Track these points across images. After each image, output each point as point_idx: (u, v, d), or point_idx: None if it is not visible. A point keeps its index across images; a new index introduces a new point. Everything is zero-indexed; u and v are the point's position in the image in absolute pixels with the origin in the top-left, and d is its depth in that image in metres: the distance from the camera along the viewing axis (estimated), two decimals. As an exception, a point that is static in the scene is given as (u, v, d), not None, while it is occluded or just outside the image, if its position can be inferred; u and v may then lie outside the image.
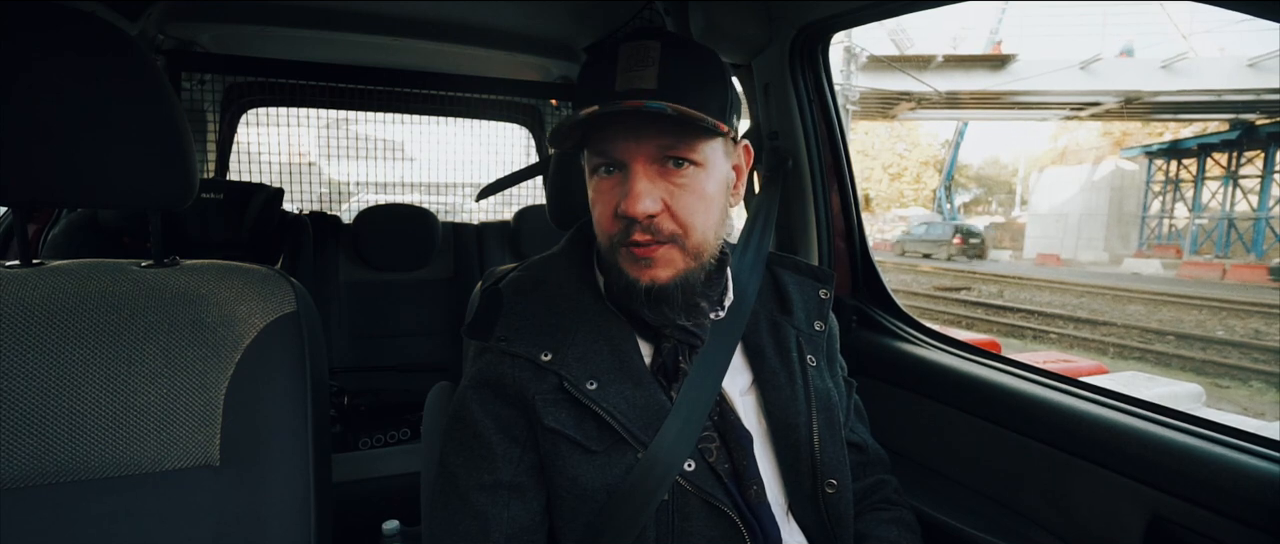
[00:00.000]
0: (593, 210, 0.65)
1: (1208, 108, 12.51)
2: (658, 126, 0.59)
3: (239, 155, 2.22)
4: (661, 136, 0.60)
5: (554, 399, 0.63)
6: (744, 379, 0.70)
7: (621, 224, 0.61)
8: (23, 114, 0.59)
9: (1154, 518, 0.74)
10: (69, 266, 0.66)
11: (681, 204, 0.61)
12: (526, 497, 0.64)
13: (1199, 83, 11.27)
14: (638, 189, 0.59)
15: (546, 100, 2.43)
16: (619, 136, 0.60)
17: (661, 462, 0.61)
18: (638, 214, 0.59)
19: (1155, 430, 0.75)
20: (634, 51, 0.60)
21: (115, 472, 0.63)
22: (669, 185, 0.61)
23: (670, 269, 0.62)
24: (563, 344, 0.65)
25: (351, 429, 1.76)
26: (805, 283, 0.79)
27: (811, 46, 1.22)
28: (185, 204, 0.69)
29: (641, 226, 0.60)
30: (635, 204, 0.59)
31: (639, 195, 0.59)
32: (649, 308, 0.64)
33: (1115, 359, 6.83)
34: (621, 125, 0.59)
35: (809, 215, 1.29)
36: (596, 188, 0.64)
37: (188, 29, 1.68)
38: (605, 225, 0.63)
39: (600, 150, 0.61)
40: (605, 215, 0.63)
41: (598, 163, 0.62)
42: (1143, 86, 11.64)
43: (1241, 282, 11.53)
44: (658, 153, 0.60)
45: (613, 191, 0.62)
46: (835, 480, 0.67)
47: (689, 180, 0.61)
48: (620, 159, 0.61)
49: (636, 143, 0.60)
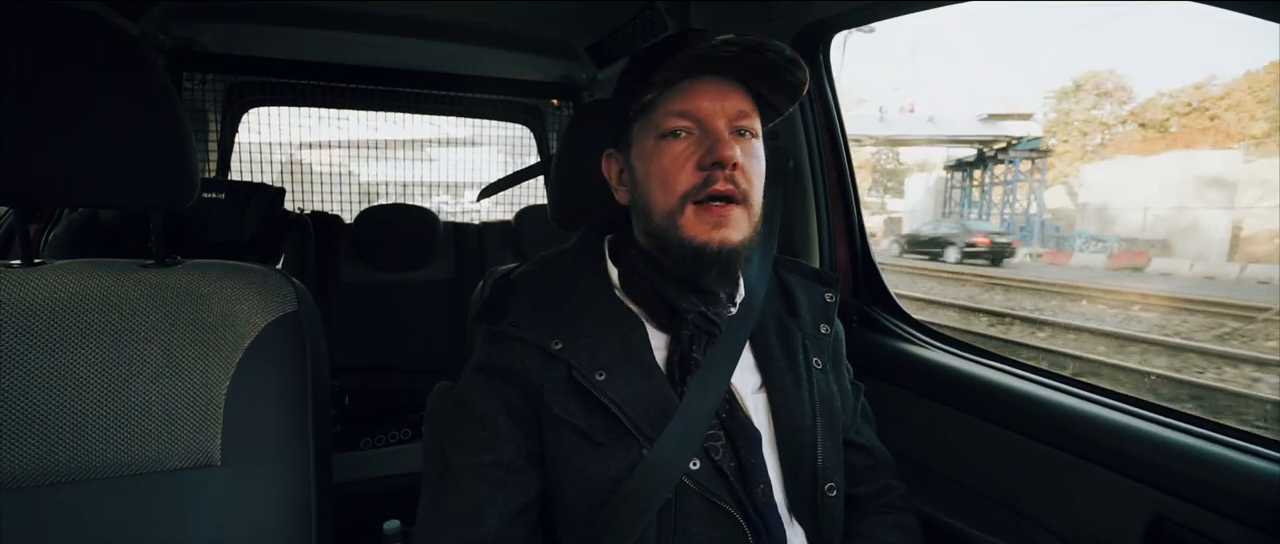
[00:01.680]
0: (655, 174, 0.65)
1: (954, 141, 21.47)
2: (736, 93, 0.64)
3: (240, 155, 2.22)
4: (742, 99, 0.64)
5: (562, 389, 0.63)
6: (753, 380, 0.70)
7: (700, 177, 0.63)
8: (24, 114, 0.59)
9: (1155, 518, 0.74)
10: (71, 266, 0.66)
11: (749, 167, 0.64)
12: (523, 479, 0.64)
13: (949, 129, 20.38)
14: (726, 136, 0.63)
15: (548, 100, 2.44)
16: (701, 95, 0.63)
17: (667, 458, 0.61)
18: (728, 157, 0.61)
19: (1156, 431, 0.75)
20: (701, 33, 0.64)
21: (117, 471, 0.64)
22: (740, 149, 0.64)
23: (739, 232, 0.64)
24: (573, 334, 0.65)
25: (352, 429, 1.76)
26: (810, 286, 0.79)
27: (813, 47, 1.22)
28: (187, 204, 0.70)
29: (724, 177, 0.62)
30: (727, 148, 0.61)
31: (729, 141, 0.62)
32: (713, 272, 0.65)
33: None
34: (705, 86, 0.63)
35: (810, 216, 1.29)
36: (665, 151, 0.64)
37: (189, 29, 1.68)
38: (677, 183, 0.63)
39: (682, 107, 0.63)
40: (680, 172, 0.63)
41: (673, 124, 0.63)
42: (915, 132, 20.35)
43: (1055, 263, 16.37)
44: (736, 114, 0.64)
45: (688, 150, 0.64)
46: (834, 483, 0.67)
47: (751, 148, 0.65)
48: (702, 115, 0.63)
49: (721, 100, 0.63)
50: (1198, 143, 25.82)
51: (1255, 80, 29.89)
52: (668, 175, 0.64)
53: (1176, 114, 31.38)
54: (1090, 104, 35.43)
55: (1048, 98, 37.10)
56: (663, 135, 0.64)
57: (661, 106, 0.64)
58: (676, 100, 0.63)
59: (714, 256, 0.63)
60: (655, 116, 0.65)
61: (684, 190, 0.63)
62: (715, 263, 0.64)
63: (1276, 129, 26.21)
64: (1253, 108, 28.46)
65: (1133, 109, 34.09)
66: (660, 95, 0.64)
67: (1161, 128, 31.06)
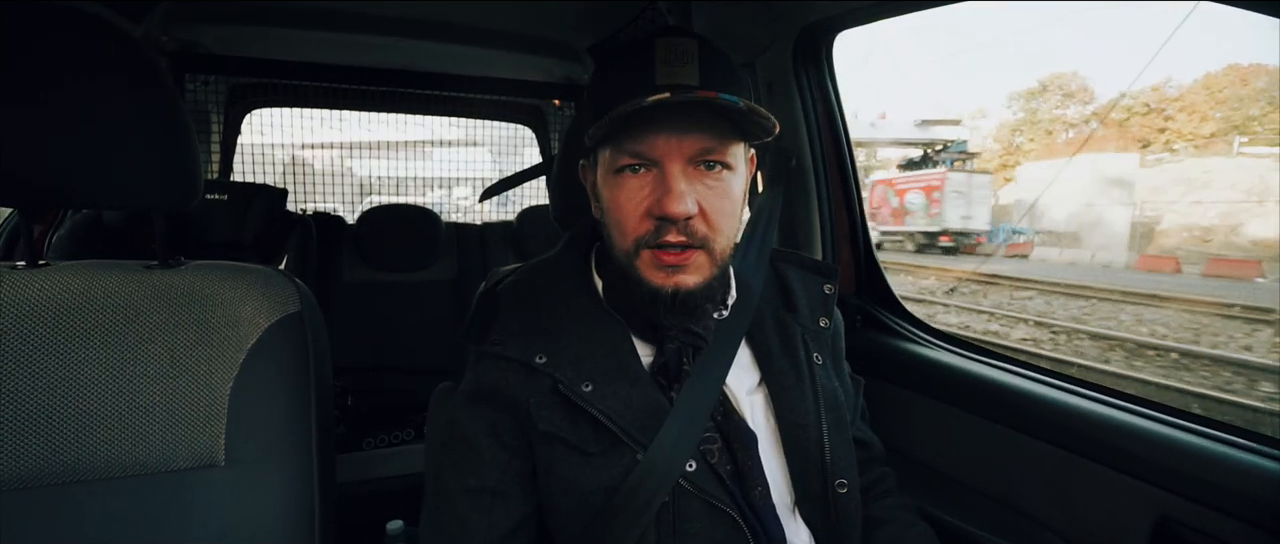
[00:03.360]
0: (611, 211, 0.62)
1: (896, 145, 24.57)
2: (699, 127, 0.57)
3: (241, 155, 2.22)
4: (703, 138, 0.57)
5: (549, 402, 0.63)
6: (751, 378, 0.69)
7: (651, 225, 0.59)
8: (27, 116, 0.59)
9: (1160, 518, 0.74)
10: (74, 267, 0.66)
11: (713, 207, 0.59)
12: (510, 503, 0.64)
13: (890, 134, 23.51)
14: (678, 188, 0.57)
15: (549, 100, 2.44)
16: (657, 134, 0.57)
17: (661, 463, 0.60)
18: (678, 214, 0.56)
19: (1161, 430, 0.75)
20: (671, 47, 0.58)
21: (121, 471, 0.64)
22: (702, 187, 0.59)
23: (698, 276, 0.60)
24: (558, 347, 0.64)
25: (355, 429, 1.76)
26: (809, 278, 0.78)
27: (815, 46, 1.22)
28: (190, 205, 0.70)
29: (677, 228, 0.58)
30: (677, 203, 0.56)
31: (681, 195, 0.56)
32: (671, 315, 0.62)
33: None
34: (660, 123, 0.57)
35: (812, 215, 1.28)
36: (620, 187, 0.60)
37: (191, 30, 1.68)
38: (630, 226, 0.60)
39: (633, 149, 0.58)
40: (632, 216, 0.59)
41: (627, 161, 0.59)
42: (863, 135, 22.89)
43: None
44: (696, 154, 0.58)
45: (641, 191, 0.59)
46: (845, 480, 0.67)
47: (721, 183, 0.60)
48: (656, 158, 0.58)
49: (678, 141, 0.57)
50: (1116, 146, 28.58)
51: (1212, 81, 32.38)
52: (622, 216, 0.60)
53: (1135, 114, 33.93)
54: (1055, 104, 38.31)
55: (1016, 98, 40.73)
56: (618, 169, 0.60)
57: (619, 136, 0.58)
58: (629, 133, 0.58)
59: (669, 301, 0.60)
60: (609, 150, 0.60)
61: (636, 236, 0.60)
62: (671, 307, 0.61)
63: (1225, 129, 29.42)
64: (1204, 109, 31.46)
65: (1095, 109, 36.98)
66: (609, 129, 0.58)
67: (1121, 127, 33.74)
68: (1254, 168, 20.89)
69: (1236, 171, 21.00)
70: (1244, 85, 30.86)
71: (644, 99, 0.54)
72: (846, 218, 1.29)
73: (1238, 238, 17.50)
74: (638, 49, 0.59)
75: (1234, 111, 30.32)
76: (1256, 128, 28.26)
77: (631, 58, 0.60)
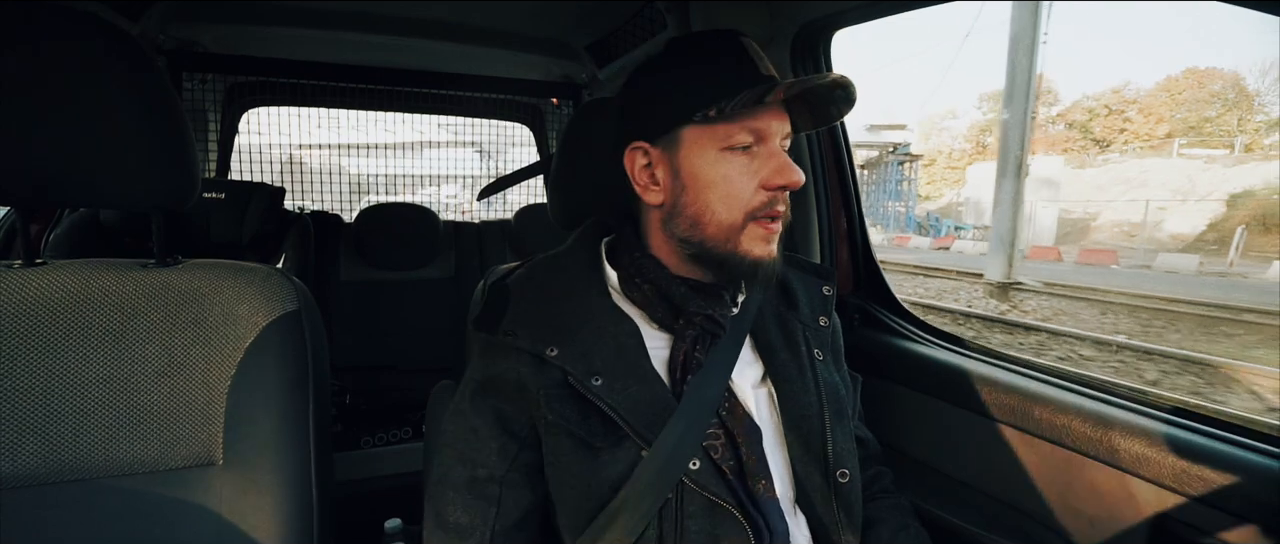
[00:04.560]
0: (718, 186, 0.64)
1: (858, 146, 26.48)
2: (785, 112, 0.66)
3: (239, 154, 2.22)
4: (787, 119, 0.66)
5: (558, 394, 0.63)
6: (755, 373, 0.70)
7: (765, 196, 0.64)
8: (25, 115, 0.59)
9: (1159, 516, 0.74)
10: (72, 266, 0.66)
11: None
12: (517, 494, 0.64)
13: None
14: (789, 160, 0.64)
15: (547, 99, 2.44)
16: (767, 115, 0.64)
17: (667, 459, 0.61)
18: (797, 182, 0.63)
19: (1160, 429, 0.75)
20: (753, 46, 0.65)
21: (119, 471, 0.64)
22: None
23: (776, 246, 0.67)
24: (568, 339, 0.65)
25: (353, 428, 1.76)
26: (809, 280, 0.79)
27: (813, 44, 1.22)
28: (187, 204, 0.70)
29: (783, 198, 0.64)
30: (797, 172, 0.63)
31: (794, 166, 0.63)
32: (763, 285, 0.69)
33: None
34: (768, 107, 0.63)
35: (811, 214, 1.29)
36: (732, 164, 0.64)
37: (189, 29, 1.68)
38: (742, 199, 0.64)
39: (752, 126, 0.63)
40: (747, 187, 0.64)
41: (740, 140, 0.63)
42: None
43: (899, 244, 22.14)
44: (785, 135, 0.66)
45: (751, 166, 0.64)
46: (847, 470, 0.68)
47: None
48: (767, 135, 0.64)
49: (781, 121, 0.65)
50: (1044, 149, 33.74)
51: (1172, 84, 35.28)
52: (733, 189, 0.64)
53: (1097, 116, 37.32)
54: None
55: (986, 98, 44.29)
56: (729, 147, 0.63)
57: (732, 119, 0.63)
58: (748, 116, 0.63)
59: (769, 271, 0.66)
60: (724, 126, 0.63)
61: (750, 208, 0.64)
62: (768, 276, 0.67)
63: (1182, 130, 32.22)
64: (1160, 111, 34.68)
65: (1060, 110, 40.44)
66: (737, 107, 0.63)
67: (1084, 129, 37.76)
68: (1185, 168, 24.18)
69: (1169, 171, 24.39)
70: (1200, 88, 33.20)
71: (823, 77, 0.61)
72: (844, 217, 1.30)
73: (1159, 232, 20.35)
74: (724, 43, 0.65)
75: (1191, 113, 32.76)
76: (1210, 129, 31.06)
77: (722, 52, 0.65)
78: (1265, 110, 31.17)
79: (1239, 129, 30.18)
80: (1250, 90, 32.22)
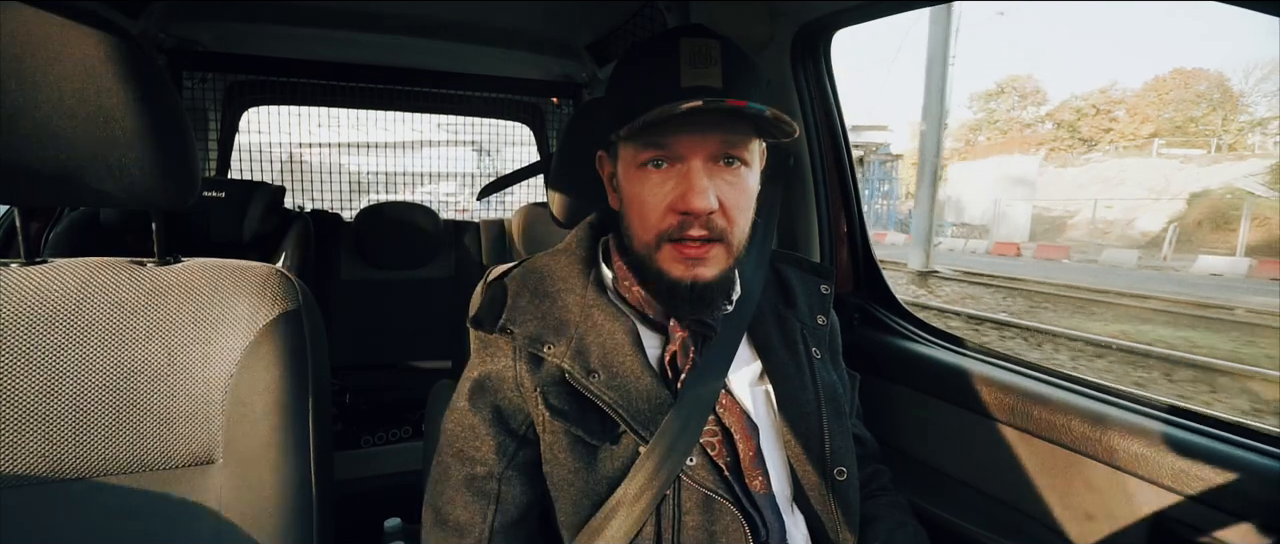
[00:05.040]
0: (634, 204, 0.64)
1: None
2: (721, 126, 0.60)
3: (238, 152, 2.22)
4: (724, 135, 0.60)
5: (556, 391, 0.63)
6: (753, 371, 0.70)
7: (675, 219, 0.61)
8: (24, 113, 0.59)
9: (1159, 518, 0.74)
10: (72, 265, 0.66)
11: (732, 202, 0.62)
12: (516, 490, 0.64)
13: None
14: (701, 184, 0.59)
15: (547, 98, 2.44)
16: (682, 131, 0.59)
17: (664, 454, 0.61)
18: (701, 209, 0.59)
19: (1158, 428, 0.75)
20: (696, 49, 0.59)
21: (118, 469, 0.64)
22: (721, 183, 0.61)
23: (715, 267, 0.63)
24: (566, 336, 0.65)
25: (353, 427, 1.76)
26: (807, 278, 0.80)
27: (813, 44, 1.22)
28: (188, 203, 0.69)
29: (698, 223, 0.60)
30: (700, 198, 0.59)
31: (703, 190, 0.59)
32: (688, 306, 0.64)
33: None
34: (684, 121, 0.58)
35: (811, 213, 1.29)
36: (643, 181, 0.62)
37: (189, 27, 1.68)
38: (654, 220, 0.62)
39: (660, 143, 0.60)
40: (655, 209, 0.61)
41: (651, 156, 0.61)
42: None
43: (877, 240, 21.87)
44: (717, 150, 0.60)
45: (664, 186, 0.61)
46: (845, 468, 0.68)
47: (738, 179, 0.62)
48: (680, 154, 0.60)
49: (702, 138, 0.59)
50: (1020, 149, 34.27)
51: (1160, 84, 36.18)
52: (645, 209, 0.63)
53: (1084, 115, 38.09)
54: (1010, 105, 43.06)
55: (976, 98, 45.57)
56: (642, 163, 0.62)
57: (638, 139, 0.61)
58: (655, 130, 0.60)
59: (687, 292, 0.63)
60: (633, 145, 0.62)
61: (660, 230, 0.62)
62: (688, 298, 0.63)
63: (1168, 130, 32.67)
64: (1146, 111, 35.48)
65: (1048, 110, 41.52)
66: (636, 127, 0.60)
67: (1072, 128, 38.23)
68: (1162, 168, 25.16)
69: (1146, 171, 25.44)
70: (1186, 89, 33.89)
71: (677, 105, 0.55)
72: (845, 215, 1.30)
73: (1131, 230, 21.61)
74: (662, 48, 0.61)
75: (1177, 113, 33.49)
76: (1195, 129, 31.83)
77: (656, 57, 0.61)
78: (1249, 110, 31.99)
79: (1223, 129, 31.06)
80: (1235, 90, 32.99)
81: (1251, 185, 21.08)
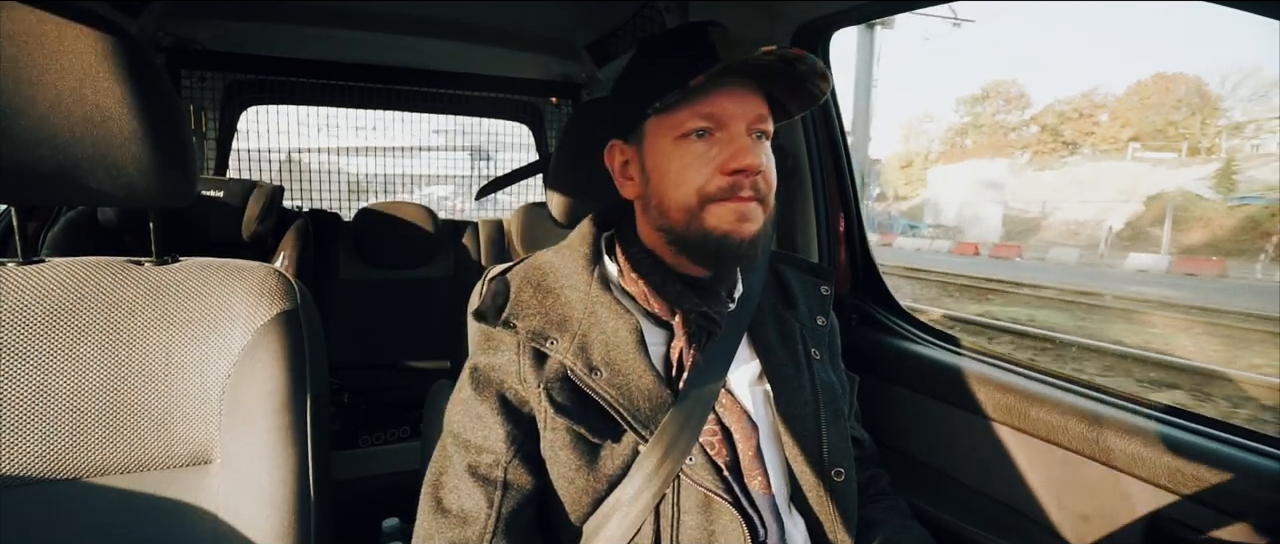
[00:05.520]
0: (668, 176, 0.65)
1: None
2: (756, 97, 0.64)
3: (237, 154, 2.22)
4: (761, 104, 0.64)
5: (558, 387, 0.63)
6: (752, 371, 0.70)
7: (725, 181, 0.62)
8: (22, 112, 0.59)
9: (1155, 517, 0.74)
10: (69, 264, 0.66)
11: (767, 168, 0.64)
12: (519, 480, 0.64)
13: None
14: (750, 145, 0.62)
15: (546, 98, 2.44)
16: (725, 97, 0.62)
17: (664, 454, 0.61)
18: (752, 166, 0.61)
19: (1157, 428, 0.76)
20: (722, 34, 0.64)
21: (115, 468, 0.64)
22: (757, 150, 0.63)
23: (756, 224, 0.64)
24: (569, 332, 0.65)
25: (351, 426, 1.76)
26: (806, 279, 0.80)
27: (812, 45, 1.22)
28: (185, 202, 0.69)
29: (748, 183, 0.62)
30: (752, 156, 0.61)
31: (753, 149, 0.62)
32: (733, 262, 0.66)
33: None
34: (727, 89, 0.62)
35: (809, 213, 1.29)
36: (686, 150, 0.63)
37: (187, 26, 1.68)
38: (696, 184, 0.63)
39: (704, 111, 0.62)
40: (700, 174, 0.63)
41: (695, 125, 0.63)
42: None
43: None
44: (755, 118, 0.64)
45: (708, 152, 0.63)
46: (842, 469, 0.68)
47: (766, 150, 0.65)
48: (725, 119, 0.62)
49: (743, 105, 0.63)
50: (991, 152, 36.33)
51: (1142, 88, 37.64)
52: (687, 176, 0.63)
53: (1067, 119, 39.55)
54: (996, 109, 44.87)
55: (963, 102, 47.54)
56: (683, 135, 0.63)
57: (684, 106, 0.63)
58: (701, 102, 0.62)
59: (735, 248, 0.63)
60: (677, 115, 0.63)
61: (706, 192, 0.63)
62: (737, 254, 0.64)
63: (1149, 133, 34.56)
64: (1127, 115, 36.86)
65: (1033, 114, 43.32)
66: (683, 95, 0.62)
67: (1055, 132, 39.65)
68: (1135, 171, 26.95)
69: (1119, 174, 27.12)
70: (1167, 93, 35.22)
71: (740, 56, 0.58)
72: (843, 216, 1.30)
73: (1098, 230, 23.08)
74: (689, 35, 0.65)
75: (1158, 117, 34.92)
76: (1174, 132, 33.51)
77: (685, 42, 0.65)
78: (1227, 114, 33.30)
79: (1202, 132, 32.39)
80: (1213, 94, 34.13)
81: (1200, 188, 23.82)
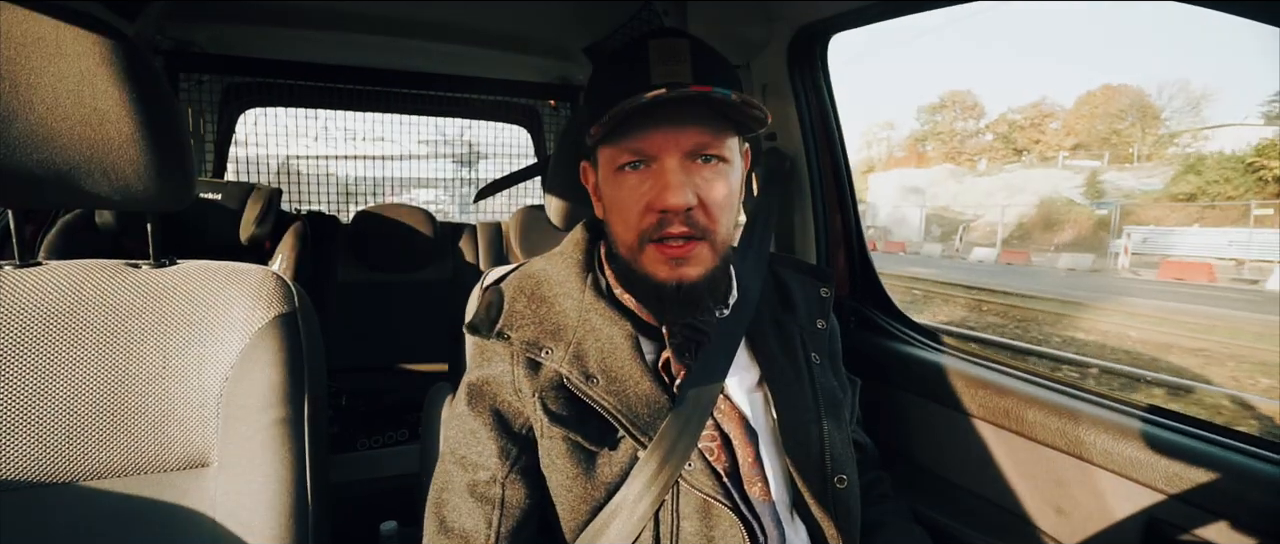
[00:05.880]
0: (614, 208, 0.64)
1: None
2: (695, 122, 0.59)
3: (235, 156, 2.22)
4: (699, 132, 0.59)
5: (555, 396, 0.63)
6: (751, 377, 0.70)
7: (653, 219, 0.60)
8: (20, 114, 0.59)
9: (1151, 520, 0.74)
10: (67, 267, 0.66)
11: (711, 198, 0.61)
12: (517, 496, 0.64)
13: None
14: (675, 181, 0.59)
15: (544, 101, 2.44)
16: (654, 130, 0.59)
17: (663, 460, 0.60)
18: (675, 206, 0.58)
19: (1155, 432, 0.76)
20: (664, 48, 0.59)
21: (112, 471, 0.63)
22: (699, 180, 0.61)
23: (700, 267, 0.62)
24: (564, 341, 0.65)
25: (349, 430, 1.75)
26: (806, 282, 0.79)
27: (810, 47, 1.22)
28: (183, 206, 0.69)
29: (678, 220, 0.60)
30: (674, 195, 0.58)
31: (678, 186, 0.58)
32: (676, 308, 0.64)
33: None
34: (657, 120, 0.58)
35: (807, 217, 1.29)
36: (621, 184, 0.62)
37: (185, 29, 1.68)
38: (633, 221, 0.62)
39: (632, 146, 0.60)
40: (633, 210, 0.61)
41: (626, 159, 0.61)
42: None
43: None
44: (692, 148, 0.60)
45: (641, 187, 0.61)
46: (845, 475, 0.67)
47: (717, 176, 0.62)
48: (653, 153, 0.60)
49: (674, 136, 0.59)
50: (916, 162, 41.12)
51: (1090, 99, 40.43)
52: (625, 212, 0.62)
53: (1017, 128, 43.33)
54: (953, 117, 48.15)
55: (922, 110, 50.60)
56: (619, 167, 0.62)
57: (617, 134, 0.61)
58: (628, 136, 0.60)
59: (673, 294, 0.62)
60: (613, 146, 0.62)
61: (640, 230, 0.61)
62: (675, 299, 0.63)
63: (1093, 141, 37.88)
64: (1071, 124, 40.51)
65: (987, 123, 47.26)
66: (612, 126, 0.60)
67: (1007, 140, 43.40)
68: (1058, 177, 29.86)
69: (1043, 179, 29.83)
70: (1110, 104, 38.16)
71: (641, 96, 0.55)
72: (841, 220, 1.30)
73: (1009, 231, 26.02)
74: (632, 51, 0.61)
75: (1104, 126, 37.94)
76: (1118, 139, 36.72)
77: (626, 59, 0.61)
78: (1166, 124, 36.35)
79: (1142, 139, 35.18)
80: (1155, 104, 37.07)
81: (1073, 194, 27.63)
